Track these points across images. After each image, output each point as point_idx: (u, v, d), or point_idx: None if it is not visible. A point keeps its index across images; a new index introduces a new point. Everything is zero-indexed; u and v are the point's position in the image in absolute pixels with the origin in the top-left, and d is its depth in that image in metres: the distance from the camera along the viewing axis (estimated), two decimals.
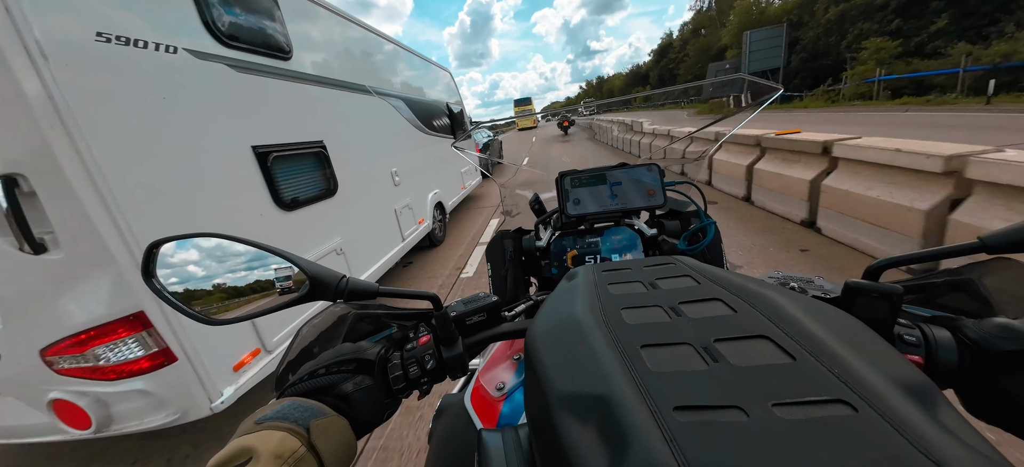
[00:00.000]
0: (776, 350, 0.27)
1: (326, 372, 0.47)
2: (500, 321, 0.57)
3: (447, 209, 5.86)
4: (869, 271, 0.45)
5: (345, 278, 0.46)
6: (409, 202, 4.50)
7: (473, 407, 0.63)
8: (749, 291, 0.35)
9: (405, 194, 4.42)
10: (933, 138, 3.50)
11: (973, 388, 0.39)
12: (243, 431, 0.36)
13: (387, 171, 4.09)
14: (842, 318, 0.31)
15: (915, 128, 10.24)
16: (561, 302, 0.41)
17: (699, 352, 0.28)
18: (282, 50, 2.71)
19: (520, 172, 1.53)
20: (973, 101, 14.48)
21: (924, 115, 13.23)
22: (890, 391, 0.22)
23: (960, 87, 15.82)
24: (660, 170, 0.98)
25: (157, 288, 0.43)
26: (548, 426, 0.27)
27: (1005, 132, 8.31)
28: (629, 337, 0.31)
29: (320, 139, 2.98)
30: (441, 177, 5.83)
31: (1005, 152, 2.65)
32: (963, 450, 0.19)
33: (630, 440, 0.21)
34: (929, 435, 0.19)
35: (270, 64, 2.59)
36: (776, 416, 0.22)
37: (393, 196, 4.15)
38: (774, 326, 0.29)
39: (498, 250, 1.06)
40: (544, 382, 0.30)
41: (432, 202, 5.22)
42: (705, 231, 0.93)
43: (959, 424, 0.21)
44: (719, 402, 0.23)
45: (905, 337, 0.41)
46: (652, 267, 0.47)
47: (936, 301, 0.48)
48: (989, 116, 11.37)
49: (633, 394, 0.24)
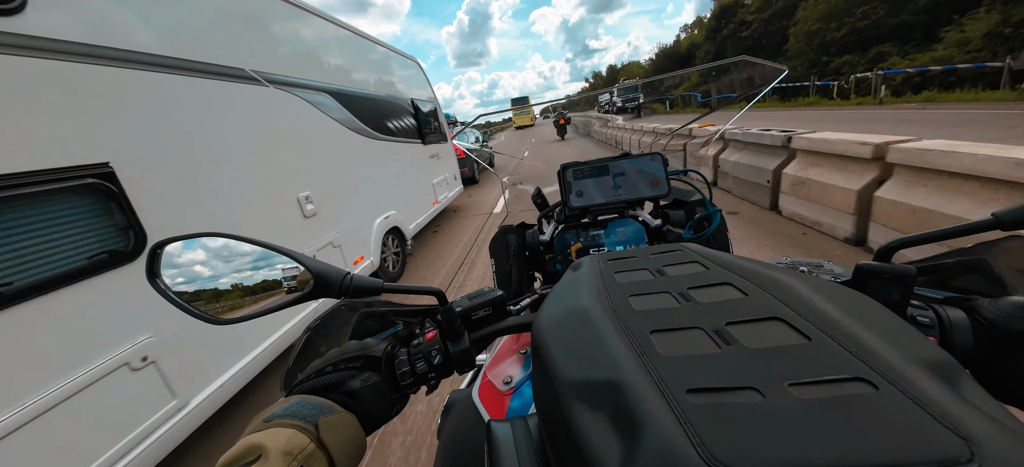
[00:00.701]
0: (790, 331, 0.26)
1: (333, 369, 0.47)
2: (506, 315, 0.57)
3: (409, 234, 4.52)
4: (880, 252, 0.43)
5: (349, 275, 0.46)
6: (336, 237, 3.18)
7: (481, 401, 0.63)
8: (759, 274, 0.35)
9: (327, 227, 3.10)
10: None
11: (990, 369, 0.39)
12: (252, 429, 0.36)
13: (289, 197, 2.76)
14: (856, 298, 0.31)
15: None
16: (567, 292, 0.41)
17: (710, 336, 0.28)
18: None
19: (522, 167, 1.60)
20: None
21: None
22: (910, 368, 0.21)
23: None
24: (663, 159, 0.96)
25: (162, 288, 0.44)
26: (558, 414, 0.26)
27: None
28: (638, 323, 0.31)
29: (103, 161, 1.65)
30: (400, 194, 4.51)
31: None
32: (989, 424, 0.18)
33: (643, 424, 0.21)
34: (953, 410, 0.19)
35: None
36: (793, 396, 0.21)
37: (301, 234, 2.82)
38: (787, 307, 0.29)
39: (502, 245, 1.04)
40: (552, 371, 0.29)
41: (381, 230, 3.88)
42: (710, 219, 0.92)
43: (983, 398, 0.21)
44: (733, 384, 0.22)
45: (919, 319, 0.41)
46: (659, 254, 0.46)
47: (949, 283, 0.47)
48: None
49: (644, 379, 0.24)
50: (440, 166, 6.13)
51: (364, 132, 3.87)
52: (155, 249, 0.44)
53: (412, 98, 5.37)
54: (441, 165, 6.17)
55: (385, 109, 4.47)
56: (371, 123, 4.02)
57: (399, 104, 4.93)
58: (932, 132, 6.02)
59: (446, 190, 6.27)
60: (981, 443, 0.17)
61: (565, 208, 1.00)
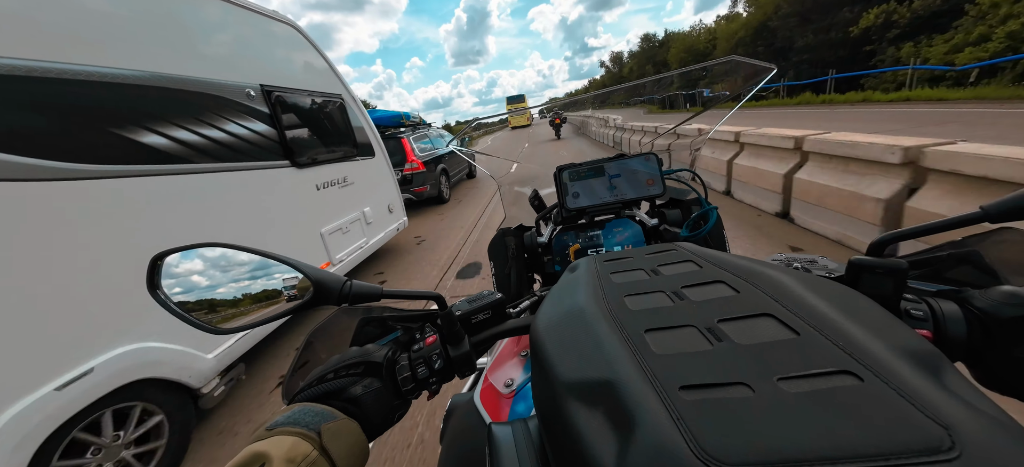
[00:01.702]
0: (780, 327, 0.27)
1: (335, 376, 0.47)
2: (505, 318, 0.57)
3: (205, 382, 2.13)
4: (873, 247, 0.44)
5: (349, 282, 0.46)
6: None
7: (483, 405, 0.63)
8: (751, 272, 0.36)
9: None
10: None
11: (984, 359, 0.39)
12: (255, 437, 0.36)
13: None
14: (845, 292, 0.31)
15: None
16: (564, 294, 0.41)
17: (703, 333, 0.28)
18: None
19: (510, 175, 1.42)
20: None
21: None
22: (895, 360, 0.22)
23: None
24: (658, 159, 0.97)
25: (162, 299, 0.44)
26: (556, 415, 0.27)
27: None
28: (633, 323, 0.31)
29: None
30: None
31: None
32: (970, 412, 0.19)
33: (638, 421, 0.21)
34: (936, 400, 0.19)
35: None
36: (782, 390, 0.22)
37: None
38: (777, 303, 0.30)
39: (500, 248, 1.04)
40: (550, 372, 0.30)
41: (36, 426, 1.49)
42: (706, 217, 0.92)
43: (966, 388, 0.21)
44: (724, 379, 0.23)
45: (912, 312, 0.41)
46: (653, 254, 0.47)
47: (942, 275, 0.47)
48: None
49: (639, 377, 0.25)
50: (350, 199, 3.75)
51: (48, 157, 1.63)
52: (154, 260, 0.44)
53: (263, 84, 2.88)
54: (352, 197, 3.80)
55: (147, 104, 2.07)
56: (83, 137, 1.77)
57: (213, 94, 2.46)
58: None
59: (362, 235, 3.90)
60: (962, 431, 0.17)
61: (562, 210, 1.00)
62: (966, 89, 12.58)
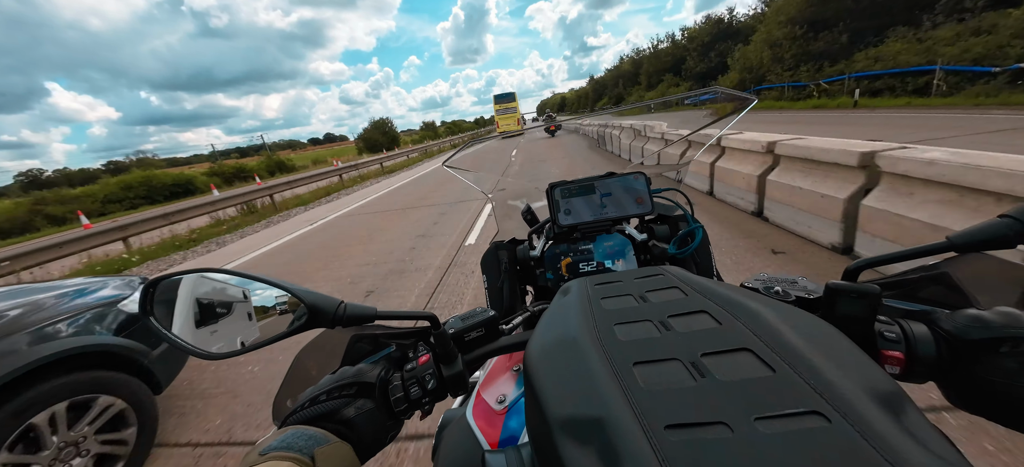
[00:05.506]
0: (758, 363, 0.29)
1: (327, 397, 0.47)
2: (498, 335, 0.57)
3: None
4: (848, 272, 0.46)
5: (343, 304, 0.46)
6: None
7: (476, 422, 0.63)
8: (732, 302, 0.38)
9: None
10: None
11: (952, 379, 0.41)
12: (248, 463, 0.36)
13: None
14: (819, 326, 0.34)
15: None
16: (557, 320, 0.43)
17: (687, 367, 0.30)
18: None
19: (509, 183, 1.46)
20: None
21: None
22: (861, 400, 0.24)
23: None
24: (646, 178, 1.01)
25: (155, 326, 0.45)
26: (550, 449, 0.28)
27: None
28: (622, 354, 0.33)
29: None
30: None
31: None
32: (926, 456, 0.21)
33: (625, 462, 0.23)
34: (895, 443, 0.21)
35: None
36: (758, 431, 0.23)
37: None
38: (756, 338, 0.32)
39: (493, 261, 1.07)
40: (544, 404, 0.31)
41: None
42: (693, 234, 0.96)
43: (925, 429, 0.24)
44: (706, 418, 0.25)
45: (885, 334, 0.43)
46: (642, 278, 0.49)
47: (915, 295, 0.50)
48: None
49: (627, 414, 0.26)
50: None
51: None
52: (148, 288, 0.45)
53: None
54: None
55: None
56: None
57: None
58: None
59: None
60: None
61: (554, 226, 1.04)
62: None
